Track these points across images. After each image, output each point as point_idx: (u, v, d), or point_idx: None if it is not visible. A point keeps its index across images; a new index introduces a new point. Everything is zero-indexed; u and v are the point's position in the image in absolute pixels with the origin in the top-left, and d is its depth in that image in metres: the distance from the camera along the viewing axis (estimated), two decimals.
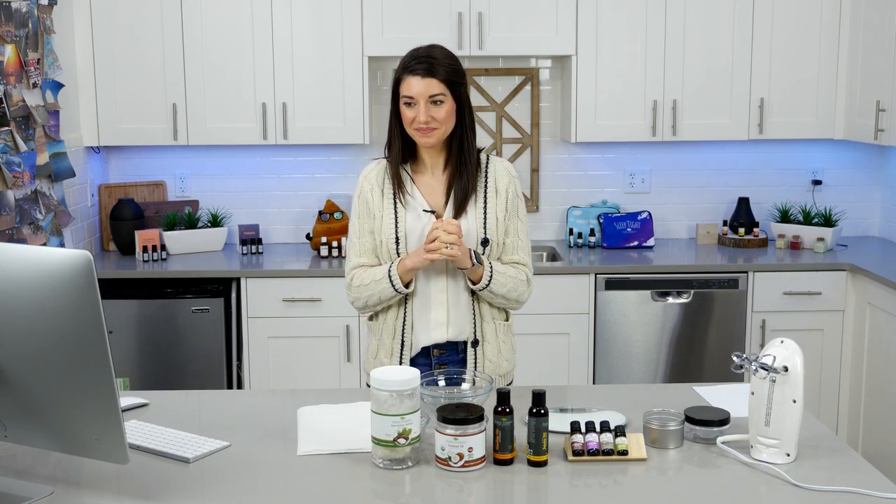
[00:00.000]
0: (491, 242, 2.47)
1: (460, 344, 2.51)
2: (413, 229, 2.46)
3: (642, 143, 4.52)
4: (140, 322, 4.08)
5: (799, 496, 1.81)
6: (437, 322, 2.49)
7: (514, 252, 2.53)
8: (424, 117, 2.37)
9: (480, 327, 2.52)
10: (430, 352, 2.51)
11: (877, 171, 4.72)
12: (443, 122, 2.40)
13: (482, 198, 2.49)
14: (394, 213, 2.48)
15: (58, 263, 1.64)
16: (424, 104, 2.37)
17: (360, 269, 2.50)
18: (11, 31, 3.57)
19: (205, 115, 4.28)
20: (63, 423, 1.77)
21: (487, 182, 2.50)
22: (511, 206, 2.51)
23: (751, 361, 1.96)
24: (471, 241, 2.45)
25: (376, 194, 2.50)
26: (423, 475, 1.92)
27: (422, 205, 2.48)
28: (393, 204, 2.48)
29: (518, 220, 2.53)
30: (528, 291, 2.55)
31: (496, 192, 2.49)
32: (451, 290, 2.47)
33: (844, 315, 4.13)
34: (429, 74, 2.38)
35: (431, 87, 2.37)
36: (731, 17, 4.27)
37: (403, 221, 2.46)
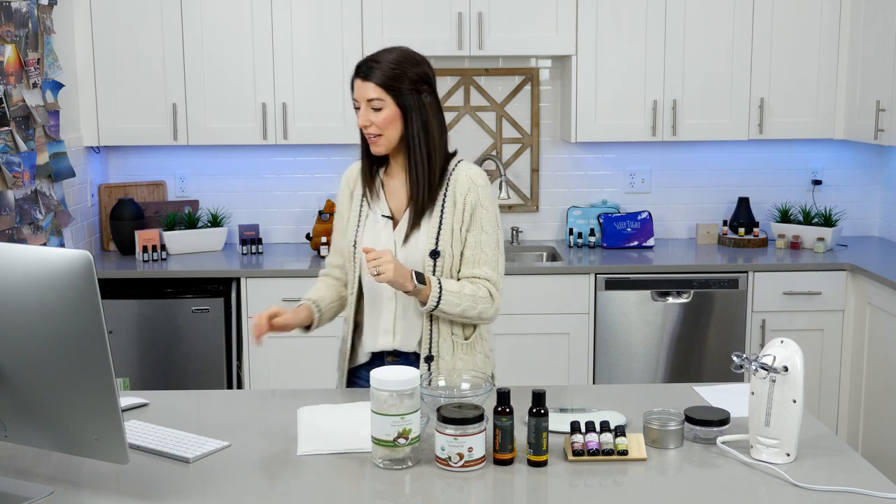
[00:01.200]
0: (443, 254, 2.38)
1: (411, 355, 2.45)
2: (369, 235, 2.44)
3: (642, 143, 4.52)
4: (140, 322, 4.08)
5: (799, 496, 1.81)
6: (384, 329, 2.45)
7: (474, 266, 2.40)
8: (363, 121, 2.34)
9: (437, 343, 2.42)
10: (383, 359, 2.47)
11: (877, 171, 4.72)
12: (383, 129, 2.34)
13: (439, 208, 2.41)
14: (357, 217, 2.48)
15: (58, 263, 1.64)
16: (365, 108, 2.34)
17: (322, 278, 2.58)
18: (11, 31, 3.57)
19: (205, 115, 4.28)
20: (63, 423, 1.77)
21: (447, 192, 2.42)
22: (470, 215, 2.39)
23: (751, 361, 1.96)
24: (420, 253, 2.38)
25: (345, 196, 2.53)
26: (423, 475, 1.92)
27: (383, 209, 2.45)
28: (359, 207, 2.48)
29: (482, 231, 2.40)
30: (494, 307, 2.41)
31: (454, 203, 2.40)
32: (400, 298, 2.42)
33: (844, 315, 4.13)
34: (367, 78, 2.33)
35: (368, 91, 2.33)
36: (731, 17, 4.27)
37: (363, 226, 2.45)
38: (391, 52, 2.38)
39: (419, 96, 2.36)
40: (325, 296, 2.54)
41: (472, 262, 2.41)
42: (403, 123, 2.36)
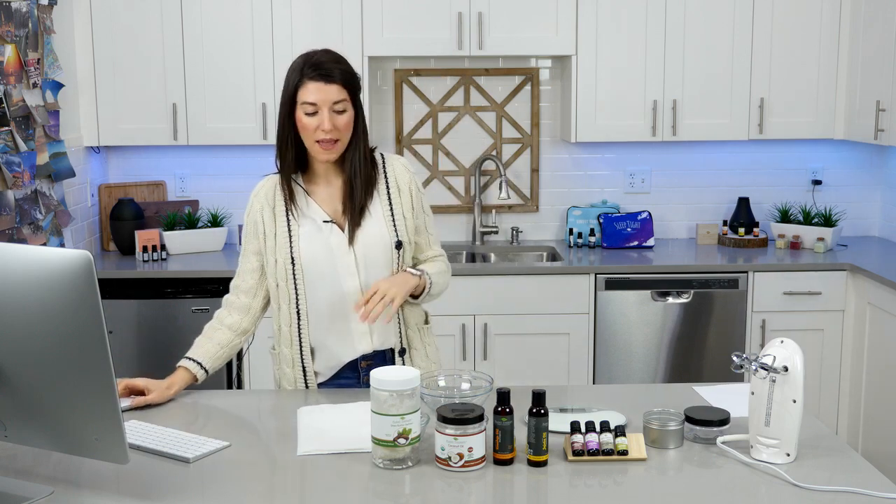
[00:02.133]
0: (404, 244, 2.41)
1: (387, 352, 2.45)
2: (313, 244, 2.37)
3: (642, 143, 4.52)
4: (140, 322, 4.08)
5: (799, 496, 1.81)
6: (360, 332, 2.41)
7: (427, 248, 2.52)
8: (329, 125, 2.27)
9: (406, 335, 2.46)
10: (357, 365, 2.44)
11: (877, 171, 4.72)
12: (343, 133, 2.31)
13: (386, 199, 2.42)
14: (287, 232, 2.38)
15: (58, 263, 1.64)
16: (329, 112, 2.28)
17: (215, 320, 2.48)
18: (11, 31, 3.57)
19: (205, 115, 4.28)
20: (63, 423, 1.77)
21: (388, 182, 2.43)
22: (416, 202, 2.45)
23: (751, 361, 1.96)
24: (384, 244, 2.39)
25: (267, 213, 2.40)
26: (423, 475, 1.92)
27: (320, 216, 2.39)
28: (286, 222, 2.38)
29: (424, 214, 2.50)
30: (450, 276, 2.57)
31: (399, 191, 2.43)
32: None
33: (844, 315, 4.13)
34: (331, 80, 2.27)
35: (335, 93, 2.27)
36: (731, 17, 4.27)
37: (297, 240, 2.38)
38: (331, 52, 2.34)
39: (360, 97, 2.37)
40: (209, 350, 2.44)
41: (426, 246, 2.52)
42: (354, 125, 2.34)
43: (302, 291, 2.40)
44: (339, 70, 2.29)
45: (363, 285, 2.38)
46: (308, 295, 2.40)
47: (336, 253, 2.38)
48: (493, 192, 4.67)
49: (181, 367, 2.41)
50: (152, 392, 2.32)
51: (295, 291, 2.40)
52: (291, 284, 2.39)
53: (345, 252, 2.38)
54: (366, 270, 2.39)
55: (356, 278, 2.38)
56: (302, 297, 2.40)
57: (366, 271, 2.39)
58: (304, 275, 2.38)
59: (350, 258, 2.38)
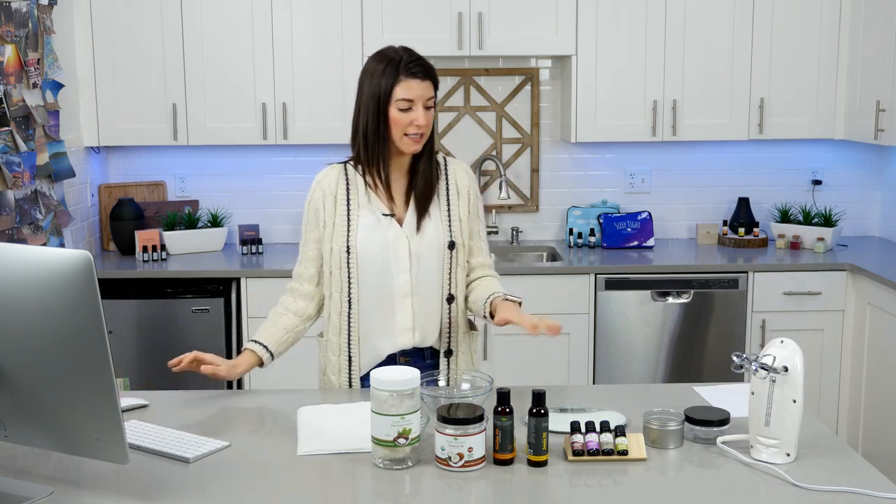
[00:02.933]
0: (457, 245, 2.45)
1: (426, 350, 2.47)
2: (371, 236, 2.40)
3: (642, 143, 4.52)
4: (140, 322, 4.08)
5: (799, 496, 1.81)
6: (402, 328, 2.43)
7: (479, 254, 2.53)
8: (423, 120, 2.33)
9: (456, 338, 2.48)
10: (395, 359, 2.45)
11: (877, 171, 4.72)
12: (428, 128, 2.37)
13: (444, 200, 2.46)
14: (346, 221, 2.42)
15: (58, 263, 1.64)
16: (423, 108, 2.33)
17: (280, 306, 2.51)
18: (11, 31, 3.57)
19: (205, 115, 4.28)
20: (63, 423, 1.77)
21: (449, 183, 2.47)
22: (473, 207, 2.49)
23: (751, 361, 1.96)
24: (438, 244, 2.42)
25: (328, 202, 2.44)
26: (423, 475, 1.92)
27: (380, 209, 2.42)
28: (346, 211, 2.42)
29: (479, 221, 2.53)
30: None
31: (458, 194, 2.47)
32: (416, 295, 2.42)
33: (844, 315, 4.13)
34: (427, 77, 2.34)
35: (429, 90, 2.35)
36: (731, 17, 4.27)
37: (356, 230, 2.41)
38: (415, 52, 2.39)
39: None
40: (273, 334, 2.47)
41: (477, 251, 2.53)
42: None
43: (355, 281, 2.42)
44: (427, 67, 2.36)
45: (413, 282, 2.41)
46: (360, 285, 2.42)
47: (392, 247, 2.40)
48: (493, 192, 4.67)
49: (247, 349, 2.45)
50: (220, 366, 2.36)
51: (348, 280, 2.42)
52: (345, 273, 2.42)
53: (401, 247, 2.41)
54: (418, 267, 2.42)
55: (408, 274, 2.41)
56: (354, 287, 2.42)
57: (418, 268, 2.42)
58: (357, 265, 2.41)
59: (405, 253, 2.41)
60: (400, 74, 2.33)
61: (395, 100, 2.33)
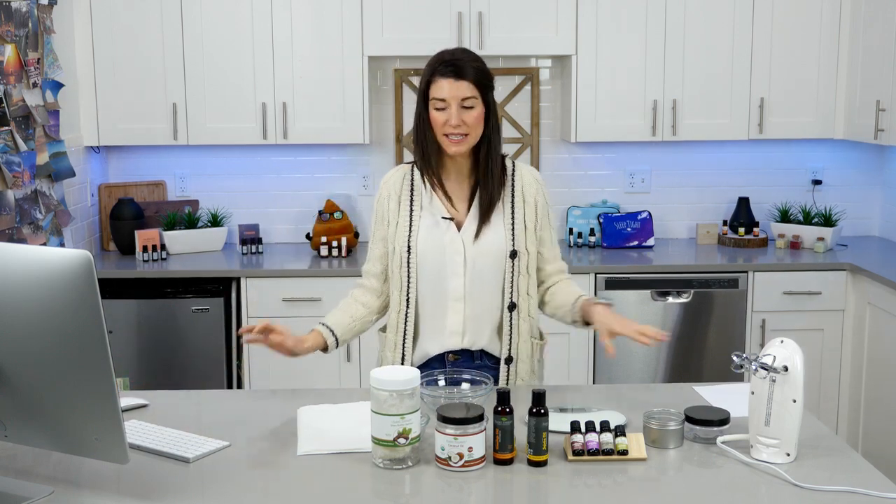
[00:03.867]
0: (520, 254, 2.43)
1: (476, 352, 2.46)
2: (429, 238, 2.41)
3: (642, 143, 4.52)
4: (140, 322, 4.08)
5: (799, 496, 1.81)
6: (451, 331, 2.44)
7: (555, 261, 2.52)
8: (457, 120, 2.32)
9: (517, 345, 2.47)
10: (444, 358, 2.46)
11: (877, 171, 4.72)
12: (473, 128, 2.35)
13: (509, 207, 2.44)
14: (408, 222, 2.43)
15: (58, 263, 1.64)
16: (456, 107, 2.33)
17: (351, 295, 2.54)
18: (11, 30, 3.57)
19: (205, 115, 4.28)
20: (63, 423, 1.77)
21: (514, 190, 2.45)
22: (541, 214, 2.47)
23: (751, 361, 1.96)
24: (497, 251, 2.41)
25: (392, 201, 2.46)
26: (423, 475, 1.92)
27: (441, 212, 2.43)
28: (409, 212, 2.44)
29: (550, 228, 2.51)
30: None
31: (524, 201, 2.45)
32: (469, 300, 2.42)
33: (844, 315, 4.13)
34: (460, 77, 2.34)
35: (463, 89, 2.33)
36: (731, 17, 4.27)
37: (417, 230, 2.42)
38: (465, 51, 2.41)
39: (493, 94, 2.42)
40: (341, 320, 2.49)
41: (553, 259, 2.53)
42: (485, 122, 2.39)
43: (413, 281, 2.43)
44: (470, 67, 2.35)
45: (467, 288, 2.41)
46: (419, 286, 2.43)
47: (448, 251, 2.40)
48: None
49: (315, 330, 2.46)
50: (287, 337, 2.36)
51: (407, 280, 2.43)
52: (405, 272, 2.43)
53: (456, 251, 2.40)
54: (472, 273, 2.41)
55: (461, 279, 2.41)
56: (412, 287, 2.43)
57: (472, 274, 2.41)
58: (417, 266, 2.42)
59: (460, 258, 2.40)
60: (433, 75, 2.36)
61: (431, 99, 2.36)
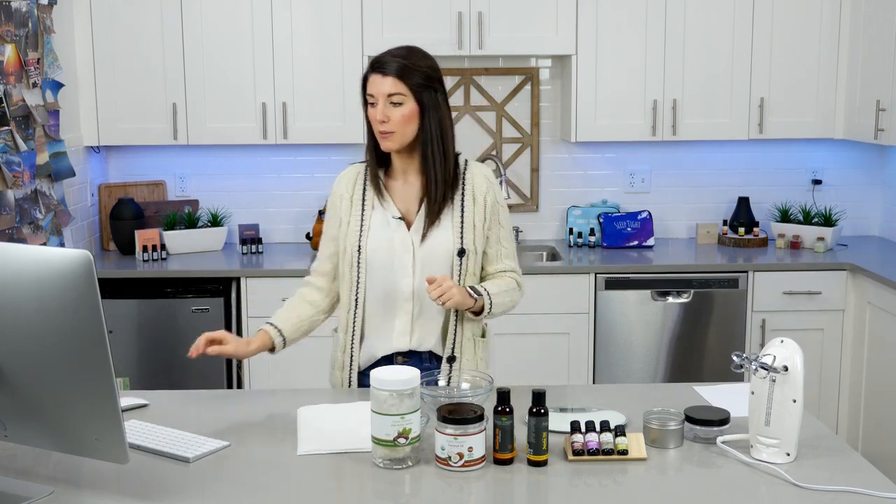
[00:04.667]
0: (468, 253, 2.42)
1: (424, 354, 2.46)
2: (379, 237, 2.41)
3: (642, 143, 4.52)
4: (140, 322, 4.08)
5: (799, 496, 1.81)
6: (399, 331, 2.43)
7: (497, 261, 2.49)
8: (381, 116, 2.32)
9: (460, 344, 2.47)
10: (392, 360, 2.45)
11: (877, 171, 4.72)
12: (399, 125, 2.33)
13: (459, 206, 2.43)
14: (360, 221, 2.43)
15: (58, 263, 1.64)
16: (383, 103, 2.33)
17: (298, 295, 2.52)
18: (11, 30, 3.57)
19: (205, 115, 4.28)
20: (63, 423, 1.77)
21: (465, 189, 2.44)
22: (490, 213, 2.45)
23: (751, 361, 1.96)
24: (446, 250, 2.40)
25: (345, 201, 2.46)
26: (423, 475, 1.92)
27: (392, 212, 2.42)
28: (360, 211, 2.43)
29: (500, 227, 2.49)
30: (521, 294, 2.54)
31: (473, 200, 2.44)
32: (418, 300, 2.41)
33: (844, 315, 4.13)
34: (389, 73, 2.33)
35: (389, 86, 2.32)
36: (731, 17, 4.27)
37: (368, 230, 2.41)
38: (405, 49, 2.40)
39: (435, 94, 2.39)
40: (288, 319, 2.47)
41: (496, 259, 2.50)
42: (420, 121, 2.37)
43: (362, 281, 2.43)
44: (398, 64, 2.33)
45: (416, 288, 2.40)
46: (367, 286, 2.43)
47: (397, 250, 2.40)
48: None
49: (262, 330, 2.45)
50: (232, 343, 2.35)
51: (357, 280, 2.43)
52: (355, 272, 2.43)
53: (406, 250, 2.40)
54: (422, 273, 2.40)
55: (411, 279, 2.40)
56: (361, 287, 2.43)
57: (422, 273, 2.40)
58: (367, 266, 2.42)
59: (409, 258, 2.40)
60: (368, 70, 2.38)
61: (367, 95, 2.38)
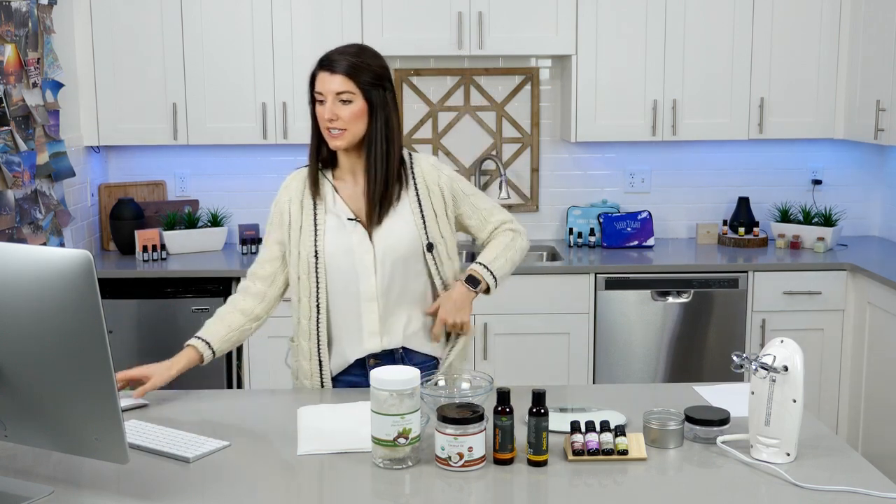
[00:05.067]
0: (436, 245, 2.43)
1: (397, 352, 2.45)
2: (336, 241, 2.39)
3: (642, 143, 4.52)
4: (140, 322, 4.08)
5: (799, 496, 1.81)
6: (369, 332, 2.41)
7: (485, 225, 2.52)
8: (330, 114, 2.30)
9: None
10: (365, 362, 2.44)
11: (877, 171, 4.72)
12: (349, 123, 2.32)
13: (415, 199, 2.42)
14: (313, 226, 2.41)
15: (58, 263, 1.64)
16: (331, 101, 2.31)
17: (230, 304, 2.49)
18: (11, 30, 3.57)
19: (205, 115, 4.28)
20: (63, 423, 1.77)
21: (416, 182, 2.44)
22: (450, 195, 2.46)
23: (751, 361, 1.96)
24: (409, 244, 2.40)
25: (294, 206, 2.43)
26: (423, 475, 1.92)
27: (345, 213, 2.41)
28: (313, 216, 2.41)
29: (467, 197, 2.50)
30: (522, 238, 2.55)
31: (428, 190, 2.44)
32: (382, 298, 2.40)
33: (844, 315, 4.13)
34: (335, 71, 2.31)
35: (338, 83, 2.31)
36: (731, 17, 4.27)
37: (323, 234, 2.39)
38: (355, 47, 2.39)
39: (384, 93, 2.37)
40: (218, 331, 2.44)
41: (483, 225, 2.52)
42: (368, 119, 2.35)
43: (323, 286, 2.41)
44: (346, 62, 2.32)
45: (380, 286, 2.39)
46: (329, 290, 2.41)
47: (357, 252, 2.39)
48: (493, 192, 4.66)
49: (189, 345, 2.42)
50: (152, 377, 2.32)
51: (316, 286, 2.41)
52: (313, 278, 2.41)
53: (366, 251, 2.39)
54: (384, 270, 2.39)
55: (373, 278, 2.39)
56: (322, 292, 2.41)
57: (384, 271, 2.39)
58: (326, 270, 2.40)
59: (369, 257, 2.39)
60: (316, 68, 2.36)
61: (315, 93, 2.36)
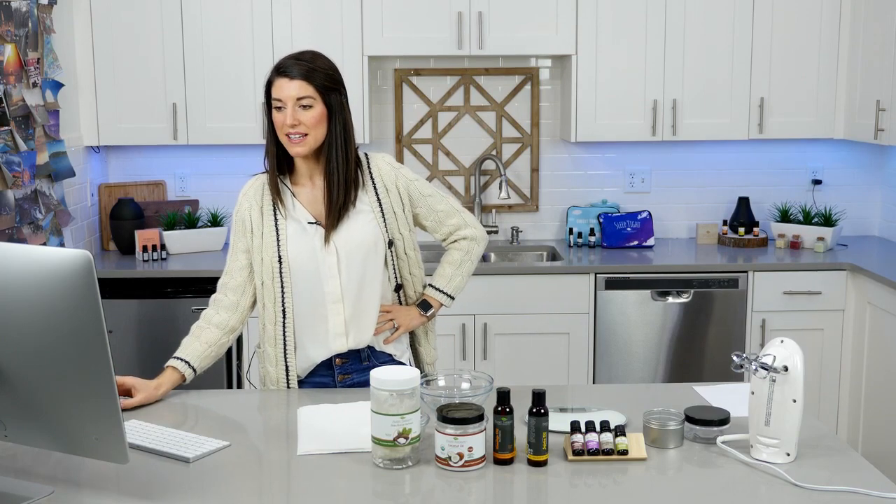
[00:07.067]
0: (395, 241, 2.46)
1: (363, 351, 2.47)
2: (298, 245, 2.40)
3: (642, 143, 4.52)
4: (140, 322, 4.08)
5: (799, 496, 1.81)
6: (335, 333, 2.43)
7: (440, 227, 2.55)
8: (292, 119, 2.31)
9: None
10: (331, 363, 2.46)
11: (877, 171, 4.72)
12: (311, 128, 2.33)
13: (374, 199, 2.45)
14: (275, 232, 2.41)
15: (58, 263, 1.64)
16: (292, 107, 2.32)
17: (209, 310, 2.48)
18: (11, 30, 3.57)
19: (205, 115, 4.28)
20: (63, 423, 1.77)
21: (375, 181, 2.46)
22: (406, 195, 2.48)
23: (751, 361, 1.96)
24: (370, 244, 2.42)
25: (255, 212, 2.44)
26: (423, 475, 1.92)
27: (305, 217, 2.42)
28: (273, 221, 2.42)
29: (424, 198, 2.51)
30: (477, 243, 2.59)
31: (386, 189, 2.46)
32: (347, 299, 2.42)
33: (844, 315, 4.13)
34: (298, 77, 2.32)
35: (297, 89, 2.32)
36: (731, 17, 4.27)
37: (286, 239, 2.41)
38: (308, 53, 2.40)
39: (339, 96, 2.39)
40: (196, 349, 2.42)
41: (438, 226, 2.56)
42: (327, 123, 2.37)
43: (288, 291, 2.42)
44: (305, 68, 2.33)
45: (344, 288, 2.41)
46: (294, 294, 2.42)
47: (319, 255, 2.40)
48: (493, 192, 4.67)
49: (169, 366, 2.41)
50: (140, 393, 2.32)
51: (281, 291, 2.42)
52: (278, 283, 2.42)
53: (329, 253, 2.40)
54: (348, 271, 2.41)
55: (337, 280, 2.41)
56: (288, 297, 2.42)
57: (348, 272, 2.41)
58: (290, 275, 2.41)
59: (332, 259, 2.40)
60: (272, 76, 2.37)
61: (272, 100, 2.37)
